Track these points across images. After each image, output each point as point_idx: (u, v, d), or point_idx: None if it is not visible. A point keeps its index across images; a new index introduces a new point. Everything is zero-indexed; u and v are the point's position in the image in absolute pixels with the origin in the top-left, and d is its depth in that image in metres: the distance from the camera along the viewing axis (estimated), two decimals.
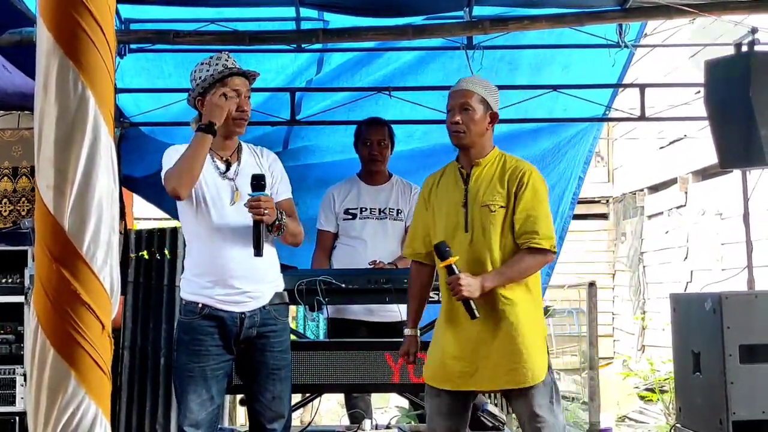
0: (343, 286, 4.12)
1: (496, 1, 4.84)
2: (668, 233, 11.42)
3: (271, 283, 3.44)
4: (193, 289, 3.36)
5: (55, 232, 1.94)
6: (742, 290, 4.50)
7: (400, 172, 4.89)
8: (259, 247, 3.28)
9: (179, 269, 4.83)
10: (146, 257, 5.09)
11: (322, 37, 4.84)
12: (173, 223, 6.20)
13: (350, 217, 4.73)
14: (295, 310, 6.74)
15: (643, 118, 5.65)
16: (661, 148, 11.56)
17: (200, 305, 3.33)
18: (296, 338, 4.58)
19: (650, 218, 12.26)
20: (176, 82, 5.34)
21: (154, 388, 4.97)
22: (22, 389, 4.81)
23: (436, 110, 5.11)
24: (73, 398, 1.92)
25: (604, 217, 13.99)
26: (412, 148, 5.79)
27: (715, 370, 4.09)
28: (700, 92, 5.35)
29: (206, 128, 3.28)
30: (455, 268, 3.23)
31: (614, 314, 13.32)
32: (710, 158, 7.34)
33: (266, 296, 3.39)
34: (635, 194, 12.80)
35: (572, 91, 5.55)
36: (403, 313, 4.36)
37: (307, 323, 6.51)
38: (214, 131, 3.29)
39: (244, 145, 3.50)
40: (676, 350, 4.61)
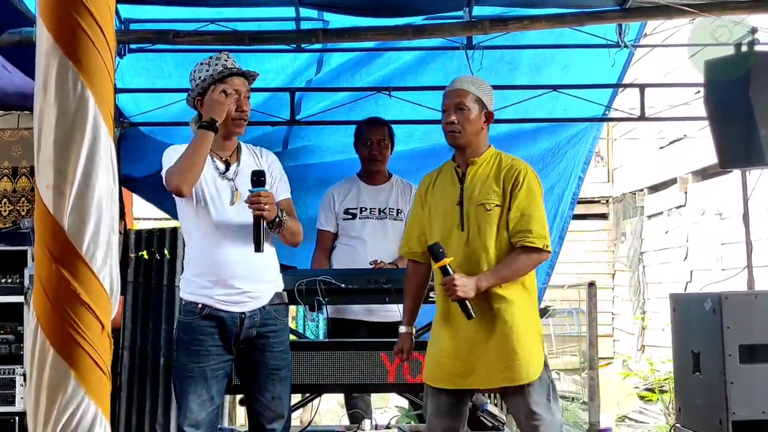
0: (342, 286, 4.12)
1: (495, 1, 4.84)
2: (668, 233, 11.42)
3: (270, 283, 3.43)
4: (192, 289, 3.36)
5: (54, 232, 1.93)
6: (741, 290, 4.50)
7: (400, 172, 4.89)
8: (259, 242, 3.28)
9: (179, 269, 4.83)
10: (146, 257, 5.09)
11: (321, 37, 4.84)
12: (173, 223, 6.20)
13: (350, 216, 4.73)
14: (294, 310, 6.74)
15: (642, 118, 5.65)
16: (660, 148, 11.56)
17: (200, 305, 3.33)
18: (296, 338, 4.58)
19: (650, 218, 12.26)
20: (176, 82, 5.34)
21: (153, 388, 4.97)
22: (21, 389, 4.81)
23: (436, 110, 5.08)
24: (72, 398, 1.92)
25: (603, 217, 13.99)
26: (411, 148, 5.79)
27: (714, 370, 4.09)
28: (699, 92, 5.35)
29: (208, 125, 3.28)
30: (450, 269, 3.24)
31: (614, 314, 13.32)
32: (710, 158, 7.34)
33: (266, 296, 3.39)
34: (635, 194, 12.80)
35: (572, 91, 5.55)
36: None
37: (306, 323, 6.51)
38: (215, 128, 3.28)
39: (243, 145, 3.50)
40: (675, 350, 4.61)
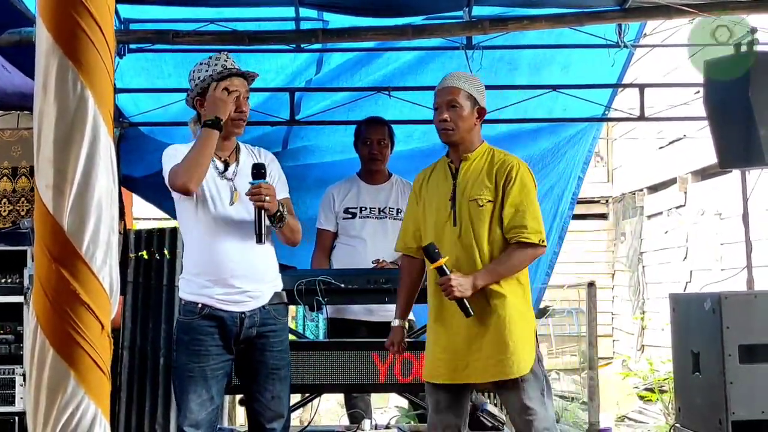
0: (342, 286, 4.12)
1: (495, 1, 4.84)
2: (667, 233, 11.42)
3: (270, 282, 3.43)
4: (192, 289, 3.36)
5: (54, 232, 1.93)
6: (741, 290, 4.50)
7: (399, 171, 4.89)
8: (260, 234, 3.28)
9: (179, 269, 4.83)
10: (146, 257, 5.09)
11: (321, 37, 4.84)
12: (173, 223, 6.19)
13: (350, 216, 4.72)
14: (294, 310, 6.73)
15: (642, 118, 5.65)
16: (660, 148, 11.56)
17: (200, 305, 3.33)
18: (295, 338, 4.58)
19: (650, 218, 12.26)
20: (176, 82, 5.34)
21: (153, 388, 4.97)
22: (21, 389, 4.81)
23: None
24: (72, 398, 1.92)
25: (603, 217, 13.99)
26: (411, 148, 5.79)
27: (714, 370, 4.09)
28: (699, 92, 5.35)
29: (212, 124, 3.26)
30: (446, 268, 3.24)
31: (614, 314, 13.32)
32: (709, 158, 7.34)
33: (266, 296, 3.39)
34: (635, 194, 12.81)
35: (572, 91, 5.55)
36: None
37: (306, 323, 6.51)
38: (220, 126, 3.27)
39: (241, 145, 3.49)
40: (675, 350, 4.61)
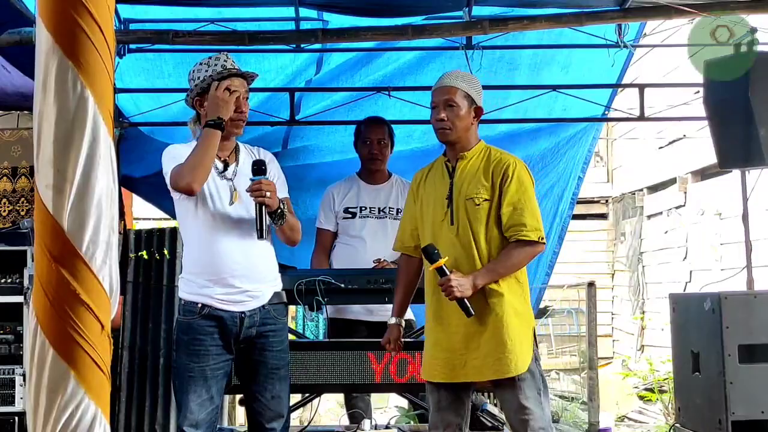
0: (342, 286, 4.11)
1: (495, 1, 4.84)
2: (667, 233, 11.42)
3: (270, 282, 3.43)
4: (192, 289, 3.36)
5: (54, 232, 1.94)
6: (741, 290, 4.50)
7: (399, 171, 4.89)
8: (261, 230, 3.28)
9: (179, 269, 4.83)
10: (145, 257, 5.09)
11: (321, 37, 4.83)
12: (172, 223, 6.20)
13: (350, 216, 4.72)
14: (294, 310, 6.74)
15: (642, 118, 5.65)
16: (660, 148, 11.56)
17: (200, 305, 3.32)
18: (295, 338, 4.58)
19: (649, 218, 12.26)
20: (175, 82, 5.33)
21: (153, 388, 4.97)
22: (21, 389, 4.81)
23: None
24: (72, 398, 1.92)
25: (603, 217, 13.99)
26: (411, 148, 5.79)
27: (714, 369, 4.09)
28: (699, 92, 5.35)
29: (215, 124, 3.26)
30: (446, 269, 3.23)
31: (613, 314, 13.32)
32: (709, 158, 7.34)
33: (266, 296, 3.39)
34: (634, 194, 12.81)
35: (572, 91, 5.55)
36: None
37: (306, 323, 6.51)
38: (222, 126, 3.27)
39: (241, 145, 3.48)
40: (675, 350, 4.61)
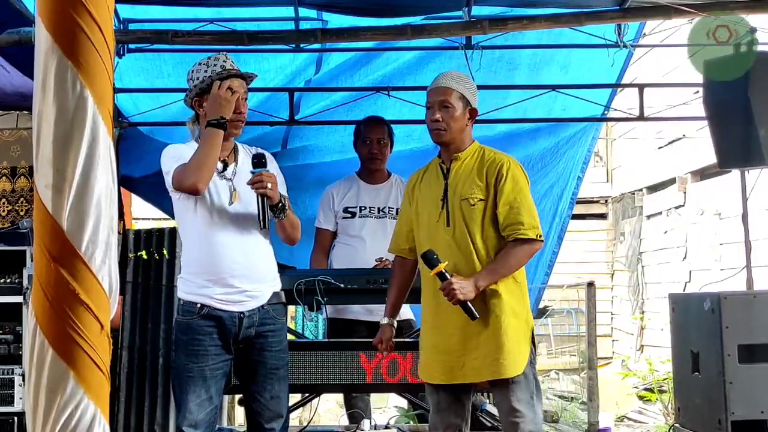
0: (341, 286, 4.11)
1: (494, 1, 4.84)
2: (667, 233, 11.42)
3: (269, 282, 3.43)
4: (191, 289, 3.35)
5: (53, 231, 1.94)
6: (740, 290, 4.50)
7: (399, 171, 4.89)
8: (264, 220, 3.29)
9: (178, 269, 4.83)
10: (145, 257, 5.09)
11: (320, 37, 4.83)
12: (172, 223, 6.20)
13: (349, 215, 4.72)
14: (294, 310, 6.73)
15: (641, 118, 5.65)
16: (659, 148, 11.57)
17: (199, 305, 3.32)
18: (295, 338, 4.58)
19: (649, 218, 12.26)
20: (175, 82, 5.33)
21: (152, 388, 4.97)
22: (20, 389, 4.80)
23: None
24: (71, 398, 1.92)
25: (602, 217, 13.99)
26: (410, 148, 5.78)
27: (713, 369, 4.09)
28: (698, 92, 5.35)
29: (217, 123, 3.25)
30: (446, 273, 3.22)
31: (613, 314, 13.33)
32: (709, 158, 7.34)
33: (265, 295, 3.39)
34: (634, 194, 12.81)
35: (571, 90, 5.55)
36: (403, 313, 4.36)
37: (305, 323, 6.51)
38: (225, 126, 3.27)
39: (239, 145, 3.48)
40: (674, 350, 4.61)
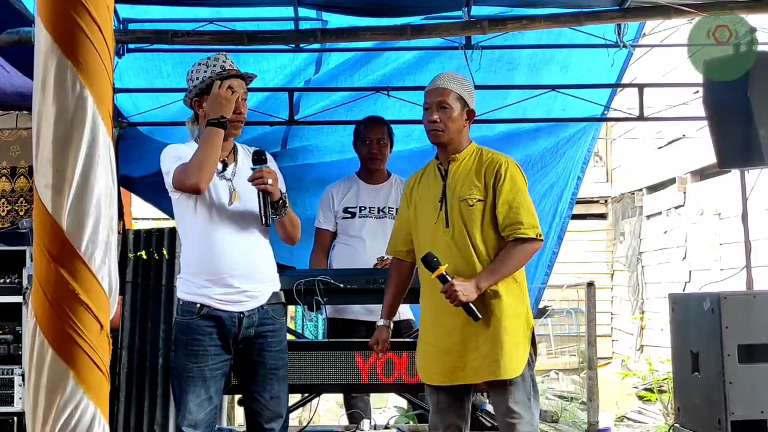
0: (341, 286, 4.11)
1: (494, 1, 4.84)
2: (667, 233, 11.42)
3: (269, 282, 3.43)
4: (190, 289, 3.35)
5: (53, 231, 1.94)
6: (740, 290, 4.50)
7: (399, 171, 4.89)
8: (265, 216, 3.29)
9: (177, 269, 4.82)
10: (144, 257, 5.09)
11: (320, 36, 4.83)
12: (171, 223, 6.19)
13: (349, 215, 4.72)
14: (293, 310, 6.73)
15: (641, 118, 5.65)
16: (659, 148, 11.57)
17: (198, 305, 3.32)
18: (294, 338, 4.58)
19: (649, 218, 12.26)
20: (174, 82, 5.33)
21: (152, 388, 4.97)
22: (20, 389, 4.81)
23: None
24: (71, 398, 1.92)
25: (602, 217, 13.99)
26: (410, 148, 5.78)
27: (713, 369, 4.09)
28: (698, 92, 5.35)
29: (218, 123, 3.25)
30: (447, 276, 3.22)
31: (613, 314, 13.33)
32: (709, 158, 7.34)
33: (265, 296, 3.38)
34: (634, 194, 12.81)
35: (571, 90, 5.55)
36: (403, 313, 4.36)
37: (305, 323, 6.51)
38: (225, 125, 3.27)
39: (239, 146, 3.48)
40: (674, 350, 4.61)
